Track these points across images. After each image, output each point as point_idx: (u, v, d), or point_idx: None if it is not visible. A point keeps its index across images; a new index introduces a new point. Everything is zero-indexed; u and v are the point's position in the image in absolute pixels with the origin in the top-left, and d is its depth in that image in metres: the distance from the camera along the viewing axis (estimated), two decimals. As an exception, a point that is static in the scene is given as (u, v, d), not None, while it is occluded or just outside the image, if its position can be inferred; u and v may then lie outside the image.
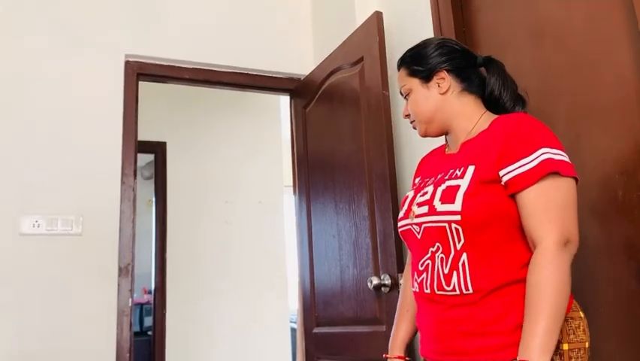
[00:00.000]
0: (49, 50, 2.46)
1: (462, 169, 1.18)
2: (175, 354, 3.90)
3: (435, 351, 1.19)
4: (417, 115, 1.33)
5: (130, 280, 2.38)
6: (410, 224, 1.25)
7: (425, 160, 1.47)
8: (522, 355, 1.00)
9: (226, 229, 4.16)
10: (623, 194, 1.27)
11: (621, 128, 1.29)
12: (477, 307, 1.10)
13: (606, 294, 1.29)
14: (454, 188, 1.15)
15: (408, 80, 1.34)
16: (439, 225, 1.16)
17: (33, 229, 2.27)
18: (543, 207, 1.07)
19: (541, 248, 1.05)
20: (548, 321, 0.99)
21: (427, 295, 1.20)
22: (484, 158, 1.15)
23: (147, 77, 2.69)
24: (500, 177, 1.11)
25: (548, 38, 1.50)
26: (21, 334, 2.17)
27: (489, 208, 1.11)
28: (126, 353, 2.30)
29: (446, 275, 1.15)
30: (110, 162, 2.45)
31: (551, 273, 1.02)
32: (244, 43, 2.85)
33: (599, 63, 1.36)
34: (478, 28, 1.79)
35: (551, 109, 1.45)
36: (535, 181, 1.07)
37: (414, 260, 1.27)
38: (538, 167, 1.07)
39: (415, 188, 1.35)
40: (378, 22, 2.11)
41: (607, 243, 1.27)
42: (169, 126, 4.22)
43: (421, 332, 1.26)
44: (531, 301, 1.03)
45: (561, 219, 1.06)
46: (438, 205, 1.17)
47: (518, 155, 1.10)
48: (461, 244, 1.13)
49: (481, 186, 1.13)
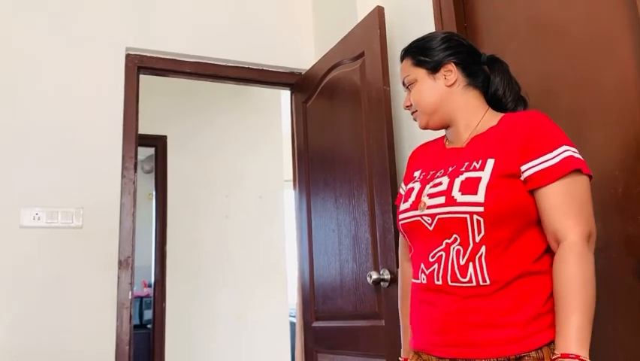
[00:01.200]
0: (50, 44, 2.46)
1: (480, 162, 1.17)
2: (175, 347, 3.91)
3: (439, 344, 1.15)
4: (420, 105, 1.32)
5: (130, 273, 2.39)
6: (420, 215, 1.22)
7: (420, 153, 1.45)
8: (562, 348, 1.00)
9: (226, 223, 4.17)
10: (623, 190, 1.28)
11: (621, 125, 1.29)
12: (491, 299, 1.09)
13: (605, 290, 1.29)
14: (476, 180, 1.14)
15: (413, 70, 1.33)
16: (460, 216, 1.14)
17: (33, 221, 2.27)
18: (567, 203, 1.09)
19: (567, 243, 1.07)
20: (583, 315, 1.01)
21: (437, 287, 1.16)
22: (504, 152, 1.15)
23: (148, 71, 2.68)
24: (521, 172, 1.12)
25: (549, 34, 1.50)
26: (20, 326, 2.18)
27: (510, 201, 1.11)
28: (126, 345, 2.31)
29: (462, 266, 1.13)
30: (110, 156, 2.45)
31: (583, 267, 1.04)
32: (245, 38, 2.85)
33: (600, 59, 1.35)
34: (480, 23, 1.79)
35: (552, 105, 1.45)
36: (559, 177, 1.09)
37: (420, 252, 1.24)
38: (561, 163, 1.10)
39: (419, 180, 1.31)
40: (379, 17, 2.11)
41: (607, 239, 1.27)
42: (169, 120, 4.22)
43: (419, 325, 1.22)
44: (565, 295, 1.04)
45: (584, 215, 1.08)
46: (458, 196, 1.15)
47: (541, 150, 1.12)
48: (480, 237, 1.12)
49: (502, 179, 1.13)
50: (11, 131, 2.32)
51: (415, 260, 1.27)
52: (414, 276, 1.26)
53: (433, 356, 1.17)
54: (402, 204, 1.31)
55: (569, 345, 0.99)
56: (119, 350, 2.29)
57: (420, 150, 1.46)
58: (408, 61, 1.35)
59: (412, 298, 1.27)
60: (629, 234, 1.27)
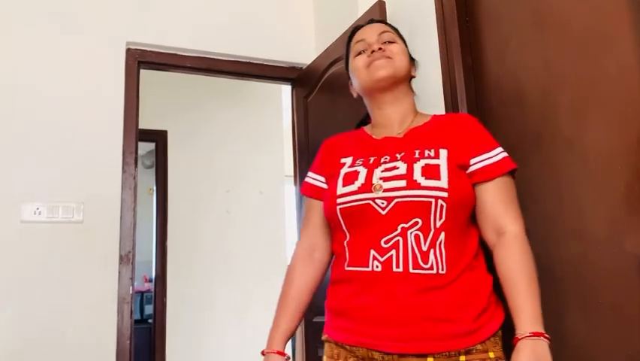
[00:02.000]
0: (50, 38, 2.45)
1: (433, 151, 1.21)
2: (175, 342, 3.92)
3: (389, 338, 1.10)
4: (397, 61, 1.32)
5: (131, 268, 2.39)
6: (372, 198, 1.17)
7: (338, 142, 1.41)
8: (528, 329, 1.04)
9: (226, 218, 4.17)
10: (626, 185, 1.27)
11: (624, 121, 1.29)
12: (446, 293, 1.11)
13: (607, 286, 1.29)
14: (435, 166, 1.17)
15: (395, 35, 1.38)
16: (425, 200, 1.13)
17: (34, 216, 2.27)
18: (508, 198, 1.18)
19: (511, 234, 1.15)
20: (537, 297, 1.08)
21: (395, 274, 1.11)
22: (455, 144, 1.21)
23: (148, 65, 2.68)
24: (470, 165, 1.20)
25: (552, 28, 1.50)
26: (22, 321, 2.18)
27: (465, 190, 1.18)
28: (127, 340, 2.31)
29: (424, 253, 1.12)
30: (111, 151, 2.45)
31: (528, 255, 1.13)
32: (246, 32, 2.84)
33: (603, 53, 1.35)
34: (482, 18, 1.78)
35: (554, 99, 1.44)
36: (502, 173, 1.19)
37: (366, 238, 1.17)
38: (503, 161, 1.20)
39: (362, 165, 1.25)
40: (380, 12, 2.10)
41: (609, 234, 1.27)
42: (170, 115, 4.22)
43: (358, 316, 1.16)
44: (518, 281, 1.10)
45: (519, 211, 1.19)
46: (422, 180, 1.15)
47: (487, 147, 1.22)
48: (441, 222, 1.13)
49: (456, 170, 1.18)
50: (12, 126, 2.32)
51: (356, 247, 1.19)
52: (355, 264, 1.18)
53: (376, 351, 1.12)
54: (341, 187, 1.23)
55: (533, 325, 1.04)
56: (119, 344, 2.30)
57: (336, 140, 1.44)
58: (387, 27, 1.40)
59: (344, 287, 1.21)
60: (632, 230, 1.27)
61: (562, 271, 1.37)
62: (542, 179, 1.44)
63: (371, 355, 1.13)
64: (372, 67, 1.31)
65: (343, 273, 1.22)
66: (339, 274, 1.24)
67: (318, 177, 1.39)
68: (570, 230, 1.35)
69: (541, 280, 1.12)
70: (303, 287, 1.35)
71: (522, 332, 1.04)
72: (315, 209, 1.37)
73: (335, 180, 1.28)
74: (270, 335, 1.33)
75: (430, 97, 1.93)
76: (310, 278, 1.36)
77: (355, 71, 1.36)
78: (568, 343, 1.32)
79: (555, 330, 1.31)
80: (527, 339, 1.03)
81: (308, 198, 1.41)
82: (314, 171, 1.42)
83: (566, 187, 1.37)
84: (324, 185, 1.36)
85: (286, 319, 1.33)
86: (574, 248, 1.34)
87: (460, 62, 1.76)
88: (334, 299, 1.25)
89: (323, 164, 1.39)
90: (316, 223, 1.37)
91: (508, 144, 1.30)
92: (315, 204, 1.38)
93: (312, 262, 1.36)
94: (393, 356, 1.11)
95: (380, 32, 1.36)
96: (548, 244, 1.40)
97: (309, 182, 1.41)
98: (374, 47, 1.32)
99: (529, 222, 1.21)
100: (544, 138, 1.45)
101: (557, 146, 1.40)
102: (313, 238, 1.37)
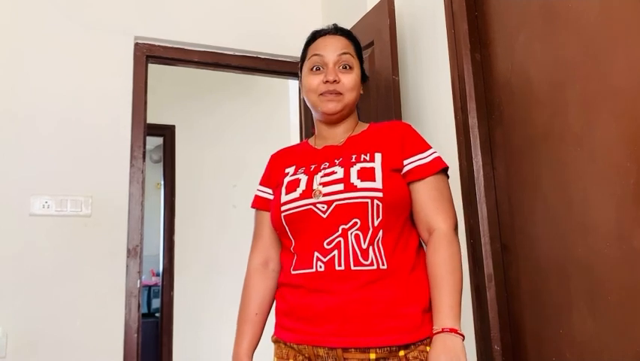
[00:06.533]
0: (59, 32, 2.46)
1: (368, 155, 1.27)
2: (183, 336, 3.94)
3: (332, 333, 1.14)
4: (348, 93, 1.35)
5: (138, 262, 2.40)
6: (313, 203, 1.23)
7: (283, 155, 1.48)
8: (441, 324, 1.10)
9: (233, 212, 4.18)
10: (635, 182, 1.26)
11: (633, 116, 1.28)
12: (390, 289, 1.15)
13: (615, 282, 1.28)
14: (370, 169, 1.23)
15: (354, 59, 1.39)
16: (361, 200, 1.19)
17: (43, 209, 2.29)
18: (439, 197, 1.24)
19: (440, 232, 1.20)
20: (457, 294, 1.14)
21: (337, 273, 1.16)
22: (388, 148, 1.27)
23: (156, 60, 2.68)
24: (403, 166, 1.26)
25: (561, 23, 1.48)
26: (29, 313, 2.20)
27: (400, 190, 1.23)
28: (134, 333, 2.33)
29: (364, 250, 1.17)
30: (119, 145, 2.46)
31: (454, 253, 1.18)
32: (253, 27, 2.84)
33: (612, 49, 1.34)
34: (491, 12, 1.77)
35: (563, 95, 1.43)
36: (434, 172, 1.25)
37: (310, 242, 1.22)
38: (434, 161, 1.26)
39: (304, 173, 1.31)
40: (389, 6, 2.09)
41: (617, 231, 1.26)
42: (178, 110, 4.23)
43: (305, 316, 1.19)
44: (441, 278, 1.15)
45: (451, 209, 1.25)
46: (358, 183, 1.21)
47: (418, 149, 1.28)
48: (379, 221, 1.19)
49: (390, 171, 1.24)
50: (20, 119, 2.33)
51: (301, 251, 1.24)
52: (300, 267, 1.23)
53: (321, 347, 1.16)
54: (284, 195, 1.30)
55: (446, 321, 1.10)
56: (127, 338, 2.31)
57: (282, 153, 1.50)
58: (351, 44, 1.41)
59: (291, 290, 1.25)
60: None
61: (570, 267, 1.36)
62: (550, 174, 1.43)
63: (316, 352, 1.17)
64: (324, 99, 1.35)
65: (290, 277, 1.26)
66: (286, 278, 1.28)
67: (266, 190, 1.45)
68: (578, 226, 1.34)
69: (550, 275, 1.12)
70: (262, 300, 1.37)
71: (437, 328, 1.11)
72: (265, 222, 1.42)
73: (279, 189, 1.34)
74: (234, 350, 1.35)
75: (440, 93, 1.92)
76: (268, 290, 1.38)
77: (307, 90, 1.39)
78: (575, 339, 1.32)
79: (563, 326, 1.31)
80: (441, 334, 1.09)
81: (258, 210, 1.46)
82: (262, 184, 1.47)
83: (575, 183, 1.36)
84: (271, 196, 1.41)
85: (250, 334, 1.35)
86: (582, 244, 1.33)
87: (468, 57, 1.75)
88: (282, 302, 1.30)
89: (269, 176, 1.46)
90: (267, 236, 1.42)
91: (516, 139, 1.30)
92: (265, 216, 1.43)
93: (267, 274, 1.39)
94: (337, 350, 1.14)
95: (340, 52, 1.36)
96: (556, 239, 1.39)
97: (258, 195, 1.47)
98: (329, 77, 1.33)
99: (536, 217, 1.20)
100: (552, 134, 1.44)
101: (566, 141, 1.39)
102: (265, 251, 1.42)
